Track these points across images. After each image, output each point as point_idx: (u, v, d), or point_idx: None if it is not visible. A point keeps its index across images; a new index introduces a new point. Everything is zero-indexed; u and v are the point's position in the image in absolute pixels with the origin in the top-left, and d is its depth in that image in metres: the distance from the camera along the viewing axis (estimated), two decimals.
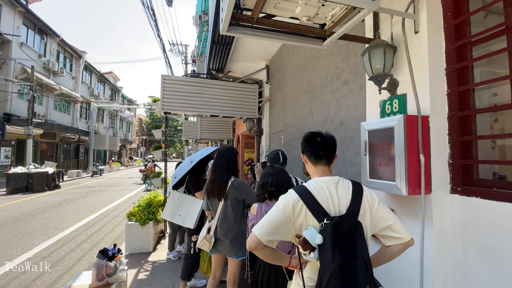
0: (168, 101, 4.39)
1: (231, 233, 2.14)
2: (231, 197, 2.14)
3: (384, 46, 1.65)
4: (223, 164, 2.21)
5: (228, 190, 2.14)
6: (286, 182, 1.81)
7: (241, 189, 2.15)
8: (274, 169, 1.86)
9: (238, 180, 2.19)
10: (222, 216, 2.16)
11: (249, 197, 2.19)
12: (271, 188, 1.77)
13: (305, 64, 3.38)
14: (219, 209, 2.18)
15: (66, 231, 5.44)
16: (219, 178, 2.16)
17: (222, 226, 2.15)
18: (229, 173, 2.19)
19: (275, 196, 1.74)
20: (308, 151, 1.26)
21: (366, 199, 1.12)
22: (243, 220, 2.19)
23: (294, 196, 1.09)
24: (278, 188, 1.76)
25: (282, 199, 1.11)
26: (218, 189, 2.15)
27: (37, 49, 15.60)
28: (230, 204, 2.15)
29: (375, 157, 1.66)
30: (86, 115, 21.92)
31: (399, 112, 1.68)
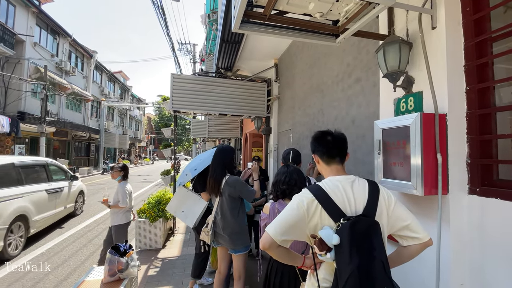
0: (178, 99, 4.42)
1: (228, 229, 2.21)
2: (226, 193, 2.22)
3: (399, 42, 1.61)
4: (218, 162, 2.31)
5: (222, 187, 2.22)
6: (299, 181, 1.77)
7: (235, 186, 2.21)
8: (288, 168, 1.84)
9: (232, 177, 2.26)
10: (220, 211, 2.25)
11: (244, 194, 2.25)
12: (283, 187, 1.75)
13: (315, 62, 3.34)
14: (216, 204, 2.28)
15: (78, 226, 5.55)
16: (214, 174, 2.27)
17: (219, 221, 2.23)
18: (224, 171, 2.28)
19: (288, 195, 1.72)
20: (320, 151, 1.24)
21: (382, 198, 1.10)
22: (241, 216, 2.26)
23: (309, 196, 1.07)
24: (290, 186, 1.73)
25: (296, 199, 1.10)
26: (213, 185, 2.26)
27: (49, 49, 15.94)
28: (225, 201, 2.23)
29: (389, 156, 1.62)
30: (97, 114, 22.30)
31: (414, 110, 1.63)
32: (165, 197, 4.65)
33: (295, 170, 1.82)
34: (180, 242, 4.41)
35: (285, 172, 1.80)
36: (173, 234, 4.78)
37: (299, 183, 1.76)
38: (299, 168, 1.89)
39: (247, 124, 8.44)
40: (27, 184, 4.54)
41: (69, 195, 5.95)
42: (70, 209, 6.07)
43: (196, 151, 17.14)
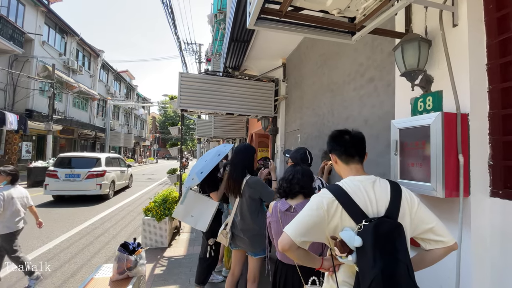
0: (185, 98, 4.41)
1: (248, 231, 2.14)
2: (246, 195, 2.14)
3: (419, 40, 1.57)
4: (239, 161, 2.23)
5: (243, 188, 2.15)
6: (303, 181, 1.70)
7: (256, 187, 2.14)
8: (294, 167, 1.78)
9: (253, 178, 2.18)
10: (239, 213, 2.18)
11: (265, 195, 2.17)
12: (285, 185, 1.71)
13: (326, 61, 3.30)
14: (235, 205, 2.20)
15: (84, 224, 5.58)
16: (233, 174, 2.19)
17: (239, 223, 2.17)
18: (244, 171, 2.20)
19: (288, 194, 1.69)
20: (338, 150, 1.21)
21: (405, 199, 1.06)
22: (261, 218, 2.17)
23: (329, 196, 1.04)
24: (291, 185, 1.69)
25: (315, 199, 1.07)
26: (233, 186, 2.18)
27: (57, 47, 16.13)
28: (246, 202, 2.15)
29: (407, 156, 1.58)
30: (103, 113, 22.50)
31: (433, 110, 1.59)
32: (171, 196, 4.64)
33: (301, 171, 1.74)
34: (186, 241, 4.40)
35: (290, 171, 1.76)
36: (179, 233, 4.77)
37: (302, 183, 1.69)
38: (307, 168, 1.81)
39: (253, 124, 8.42)
40: (113, 167, 9.12)
41: (127, 175, 10.76)
42: (126, 183, 10.80)
43: (200, 150, 17.17)
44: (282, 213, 1.66)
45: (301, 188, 1.67)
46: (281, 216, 1.67)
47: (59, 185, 7.53)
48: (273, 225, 1.72)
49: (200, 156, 9.12)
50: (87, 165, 7.95)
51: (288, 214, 1.65)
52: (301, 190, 1.67)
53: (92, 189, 7.73)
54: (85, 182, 7.67)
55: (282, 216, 1.66)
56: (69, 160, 8.07)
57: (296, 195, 1.69)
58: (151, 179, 14.54)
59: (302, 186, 1.67)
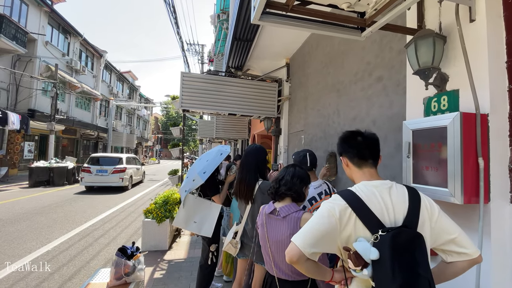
0: (187, 98, 4.34)
1: None
2: (259, 201, 1.94)
3: (433, 36, 1.48)
4: (250, 163, 2.03)
5: (255, 193, 1.96)
6: (292, 183, 1.53)
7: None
8: (287, 168, 1.64)
9: (266, 183, 1.99)
10: (250, 220, 2.00)
11: None
12: (274, 185, 1.58)
13: (331, 60, 3.22)
14: (246, 212, 2.01)
15: (84, 225, 5.52)
16: (246, 178, 1.99)
17: (250, 231, 2.00)
18: (257, 174, 2.01)
19: (275, 196, 1.56)
20: (350, 152, 1.13)
21: (425, 207, 0.97)
22: None
23: (341, 203, 0.95)
24: (280, 186, 1.54)
25: (326, 206, 0.98)
26: (245, 191, 1.97)
27: (61, 48, 16.17)
28: (258, 209, 1.93)
29: (421, 159, 1.49)
30: (105, 113, 22.53)
31: (448, 110, 1.50)
32: (172, 197, 4.57)
33: (292, 172, 1.59)
34: (186, 244, 4.31)
35: (282, 172, 1.62)
36: (180, 235, 4.69)
37: (290, 184, 1.52)
38: (301, 170, 1.62)
39: (255, 125, 8.34)
40: (131, 165, 11.29)
41: (141, 171, 12.93)
42: (140, 178, 12.99)
43: (202, 151, 17.10)
44: (267, 215, 1.55)
45: (288, 190, 1.52)
46: (266, 220, 1.55)
47: (92, 178, 9.86)
48: (259, 230, 1.60)
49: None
50: (112, 163, 10.27)
51: (272, 217, 1.52)
52: (287, 192, 1.52)
53: (116, 182, 10.03)
54: (111, 176, 9.97)
55: (266, 219, 1.55)
56: (98, 159, 10.42)
57: (283, 198, 1.54)
58: (153, 180, 14.49)
59: (290, 188, 1.52)
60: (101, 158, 10.55)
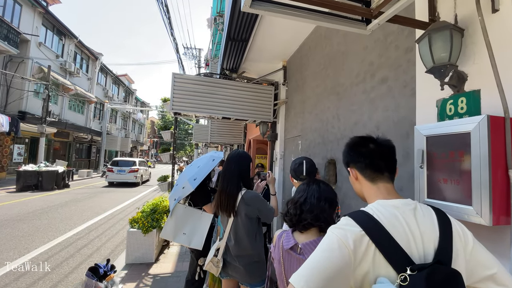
0: (179, 101, 4.12)
1: (244, 258, 1.76)
2: (242, 213, 1.75)
3: (451, 28, 1.28)
4: (232, 172, 1.83)
5: (238, 204, 1.76)
6: (320, 209, 1.20)
7: (253, 204, 1.77)
8: (308, 186, 1.29)
9: (250, 193, 1.79)
10: (233, 235, 1.78)
11: (263, 214, 1.80)
12: (292, 210, 1.24)
13: (330, 62, 3.03)
14: (229, 227, 1.80)
15: (68, 233, 5.21)
16: (227, 188, 1.79)
17: (233, 248, 1.77)
18: (239, 184, 1.81)
19: (296, 224, 1.22)
20: (360, 162, 0.91)
21: (457, 235, 0.76)
22: (258, 241, 1.81)
23: (355, 229, 0.73)
24: (302, 213, 1.21)
25: (335, 233, 0.75)
26: (226, 202, 1.77)
27: (55, 49, 15.92)
28: (242, 222, 1.76)
29: (436, 170, 1.28)
30: (100, 116, 22.20)
31: (467, 113, 1.30)
32: (162, 205, 4.31)
33: (318, 191, 1.25)
34: (175, 256, 4.04)
35: (302, 192, 1.27)
36: (168, 246, 4.41)
37: (318, 211, 1.19)
38: (328, 188, 1.30)
39: (251, 130, 8.13)
40: (142, 166, 14.88)
41: (148, 172, 16.43)
42: (147, 177, 16.46)
43: (197, 156, 16.83)
44: (285, 252, 1.20)
45: (315, 219, 1.17)
46: (283, 255, 1.21)
47: (114, 176, 13.48)
48: (275, 264, 1.28)
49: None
50: (129, 165, 13.90)
51: (292, 255, 1.18)
52: (314, 223, 1.18)
53: (131, 179, 13.62)
54: (128, 174, 13.56)
55: (285, 256, 1.20)
56: (118, 162, 14.04)
57: (307, 228, 1.20)
58: (145, 185, 14.15)
59: (317, 216, 1.18)
60: (120, 161, 14.20)
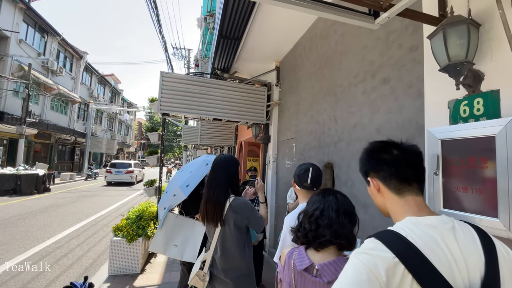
0: (167, 101, 3.92)
1: (232, 271, 1.62)
2: (231, 222, 1.61)
3: (468, 23, 1.18)
4: (219, 178, 1.69)
5: (226, 213, 1.62)
6: (340, 225, 1.04)
7: (242, 212, 1.63)
8: (323, 197, 1.11)
9: (238, 200, 1.65)
10: (220, 247, 1.64)
11: (253, 222, 1.67)
12: (307, 225, 1.07)
13: (327, 62, 2.93)
14: (215, 237, 1.65)
15: (46, 242, 4.86)
16: (213, 196, 1.65)
17: (220, 260, 1.63)
18: (227, 191, 1.68)
19: (312, 242, 1.05)
20: (383, 171, 0.78)
21: (502, 257, 0.63)
22: (247, 253, 1.67)
23: (387, 256, 0.59)
24: (320, 229, 1.04)
25: (361, 261, 0.60)
26: (212, 211, 1.63)
27: (36, 47, 15.24)
28: (230, 232, 1.62)
29: (454, 178, 1.17)
30: (84, 117, 21.44)
31: (485, 116, 1.20)
32: (148, 211, 4.08)
33: (335, 203, 1.08)
34: (162, 265, 3.81)
35: (317, 204, 1.10)
36: (155, 255, 4.17)
37: (337, 227, 1.03)
38: (345, 200, 1.13)
39: (243, 132, 7.97)
40: (137, 168, 16.61)
41: (141, 173, 18.38)
42: (141, 178, 17.94)
43: (186, 158, 16.46)
44: (298, 273, 1.03)
45: (335, 236, 1.02)
46: (296, 278, 1.04)
47: (112, 176, 14.98)
48: (284, 287, 1.11)
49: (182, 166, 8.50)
50: (125, 167, 15.56)
51: (307, 277, 1.01)
52: (334, 240, 1.02)
53: (128, 179, 15.15)
54: (125, 175, 15.11)
55: (297, 278, 1.03)
56: (116, 164, 15.68)
57: (325, 246, 1.03)
58: (132, 189, 13.68)
59: (336, 232, 1.02)
60: (118, 163, 15.83)
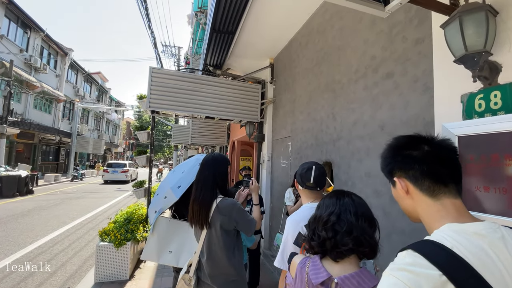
0: (157, 97, 3.75)
1: (219, 277, 1.51)
2: (217, 224, 1.50)
3: (486, 10, 1.10)
4: (207, 178, 1.59)
5: (212, 214, 1.51)
6: (362, 230, 0.88)
7: (230, 214, 1.50)
8: (339, 199, 0.96)
9: (225, 201, 1.54)
10: (207, 250, 1.53)
11: (242, 225, 1.55)
12: (323, 233, 0.91)
13: (324, 57, 2.84)
14: (202, 240, 1.55)
15: (28, 247, 4.58)
16: (199, 196, 1.55)
17: (206, 265, 1.52)
18: (215, 191, 1.57)
19: (330, 252, 0.89)
20: (414, 170, 0.67)
21: None
22: (237, 257, 1.55)
23: (433, 274, 0.48)
24: (338, 236, 0.88)
25: (400, 280, 0.49)
26: (198, 212, 1.54)
27: (18, 43, 14.58)
28: (216, 235, 1.51)
29: (473, 176, 1.08)
30: (70, 116, 20.73)
31: (503, 109, 1.12)
32: (137, 213, 3.89)
33: (353, 205, 0.94)
34: (153, 270, 3.63)
35: (332, 206, 0.95)
36: None
37: (358, 232, 0.87)
38: (362, 201, 0.98)
39: (235, 131, 7.83)
40: (131, 168, 18.15)
41: (136, 172, 19.61)
42: (135, 176, 18.68)
43: (177, 158, 16.16)
44: (314, 287, 0.87)
45: (358, 244, 0.86)
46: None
47: (109, 175, 16.26)
48: None
49: (174, 167, 8.28)
50: (121, 166, 16.89)
51: None
52: (357, 248, 0.86)
53: (123, 178, 16.44)
54: (120, 174, 16.44)
55: None
56: (112, 164, 17.03)
57: (345, 256, 0.88)
58: (120, 190, 13.29)
59: (358, 239, 0.86)
60: (114, 163, 17.22)
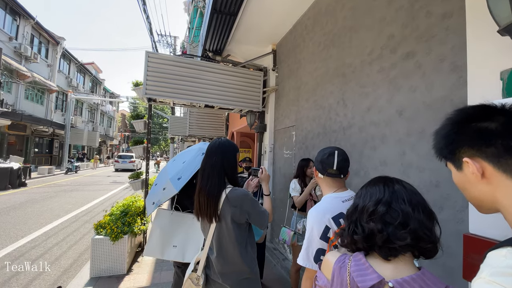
0: (153, 84, 3.55)
1: (231, 274, 1.36)
2: (228, 217, 1.34)
3: None
4: (214, 165, 1.41)
5: (221, 206, 1.35)
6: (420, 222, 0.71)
7: (241, 206, 1.35)
8: (386, 187, 0.78)
9: (236, 191, 1.37)
10: (216, 246, 1.38)
11: (254, 217, 1.40)
12: (370, 224, 0.74)
13: (334, 40, 2.67)
14: (210, 235, 1.39)
15: (20, 241, 4.42)
16: (206, 186, 1.38)
17: (217, 262, 1.37)
18: (223, 180, 1.40)
19: (379, 248, 0.72)
20: (495, 147, 0.53)
21: None
22: (249, 252, 1.40)
23: None
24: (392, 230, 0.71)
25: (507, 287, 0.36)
26: (206, 204, 1.37)
27: (7, 30, 14.04)
28: (227, 229, 1.35)
29: None
30: (63, 107, 20.27)
31: None
32: (134, 206, 3.75)
33: (406, 194, 0.76)
34: (151, 264, 3.51)
35: (380, 192, 0.77)
36: (142, 253, 3.86)
37: (416, 225, 0.70)
38: (414, 189, 0.79)
39: (234, 121, 7.66)
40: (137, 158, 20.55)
41: (141, 163, 21.33)
42: (140, 166, 20.62)
43: (173, 151, 15.95)
44: None
45: (417, 239, 0.70)
46: None
47: (120, 165, 20.12)
48: None
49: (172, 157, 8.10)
50: (128, 157, 20.61)
51: None
52: (417, 243, 0.70)
53: (131, 167, 19.81)
54: (128, 163, 20.10)
55: None
56: (121, 156, 21.08)
57: (399, 254, 0.71)
58: (116, 182, 13.10)
59: (416, 233, 0.70)
60: (123, 155, 21.11)
